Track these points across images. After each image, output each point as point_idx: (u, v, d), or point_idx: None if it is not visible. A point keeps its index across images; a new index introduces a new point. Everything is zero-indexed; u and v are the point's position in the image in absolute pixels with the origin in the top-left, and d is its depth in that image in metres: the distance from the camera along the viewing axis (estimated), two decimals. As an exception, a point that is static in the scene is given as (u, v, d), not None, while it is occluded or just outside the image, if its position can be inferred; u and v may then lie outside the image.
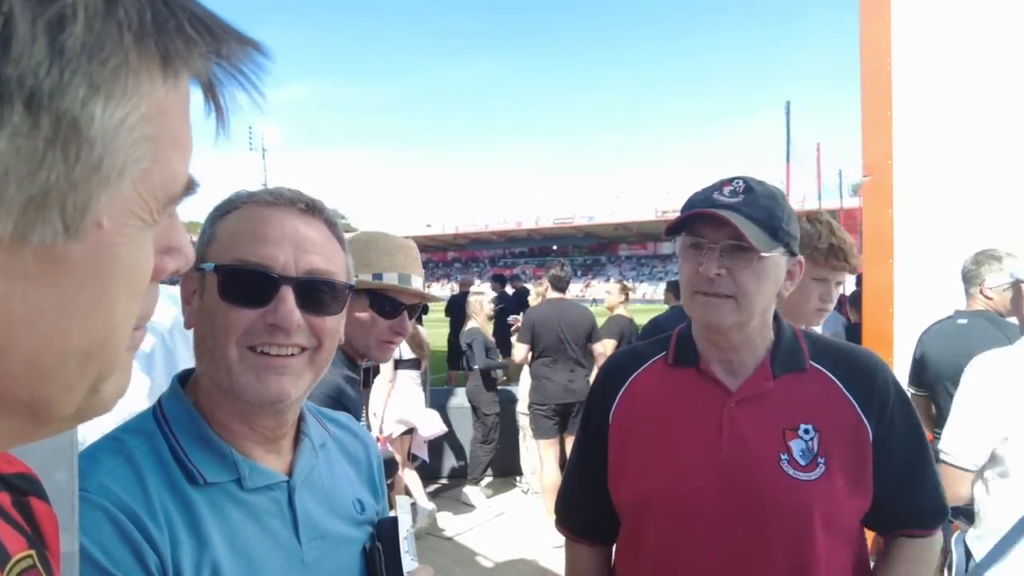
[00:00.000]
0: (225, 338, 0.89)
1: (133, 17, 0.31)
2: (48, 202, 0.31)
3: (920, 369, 3.38)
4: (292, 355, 0.92)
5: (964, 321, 3.25)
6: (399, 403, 5.59)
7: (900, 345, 4.02)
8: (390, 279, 1.76)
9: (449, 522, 5.82)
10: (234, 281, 0.89)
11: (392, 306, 1.79)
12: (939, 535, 1.45)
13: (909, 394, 3.37)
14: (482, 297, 6.81)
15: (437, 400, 7.05)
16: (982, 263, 3.24)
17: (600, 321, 6.15)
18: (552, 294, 5.89)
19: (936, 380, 3.28)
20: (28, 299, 0.33)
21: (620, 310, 6.33)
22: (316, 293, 0.93)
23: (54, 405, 0.38)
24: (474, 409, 6.50)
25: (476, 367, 6.40)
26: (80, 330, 0.36)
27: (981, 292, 3.23)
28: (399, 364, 5.65)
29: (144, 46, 0.32)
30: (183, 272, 0.44)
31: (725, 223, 1.28)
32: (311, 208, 0.97)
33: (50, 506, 0.56)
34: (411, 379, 5.75)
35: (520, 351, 5.79)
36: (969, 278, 3.29)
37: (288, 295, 0.90)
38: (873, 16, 4.19)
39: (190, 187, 0.40)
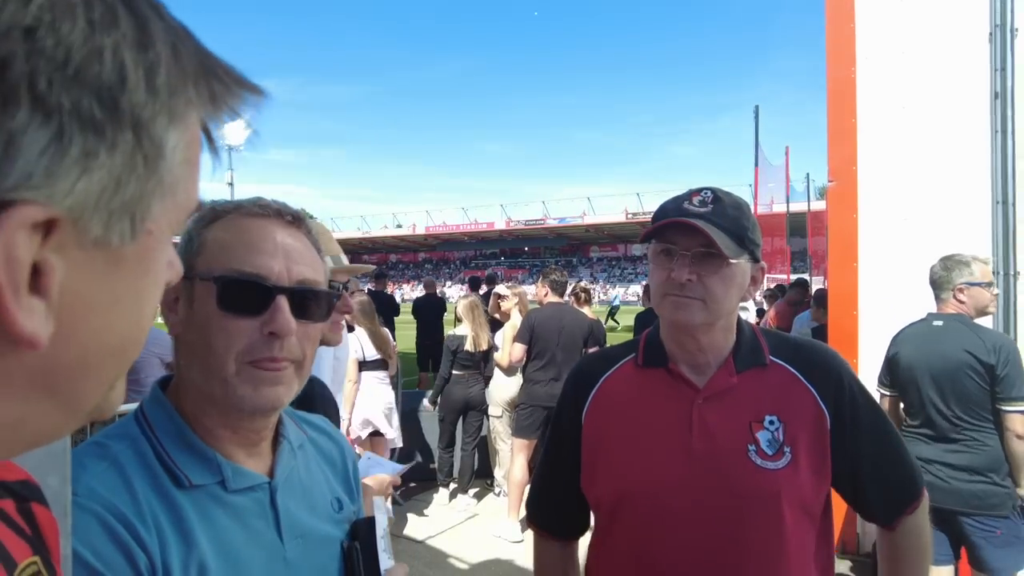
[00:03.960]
0: (225, 351, 0.90)
1: (191, 65, 0.40)
2: (127, 209, 0.38)
3: (892, 369, 3.48)
4: (285, 365, 0.94)
5: (940, 323, 3.34)
6: (365, 405, 5.55)
7: (865, 345, 4.13)
8: (336, 263, 1.81)
9: (421, 525, 5.82)
10: (232, 291, 0.91)
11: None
12: (926, 495, 1.52)
13: (877, 395, 3.47)
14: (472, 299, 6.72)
15: (409, 403, 7.02)
16: (952, 268, 3.34)
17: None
18: (552, 298, 5.91)
19: (909, 379, 3.37)
20: (91, 294, 0.39)
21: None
22: (306, 302, 0.96)
23: (85, 399, 0.43)
24: (466, 412, 6.47)
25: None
26: (121, 327, 0.42)
27: (954, 296, 3.32)
28: (363, 365, 5.59)
29: (199, 87, 0.41)
30: (172, 283, 0.49)
31: (696, 231, 1.34)
32: (296, 220, 1.01)
33: (51, 511, 0.57)
34: (377, 379, 5.70)
35: (517, 351, 5.78)
36: (940, 283, 3.37)
37: (284, 304, 0.92)
38: (838, 25, 4.30)
39: (200, 206, 0.47)
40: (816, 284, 11.13)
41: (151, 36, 0.37)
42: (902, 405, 3.50)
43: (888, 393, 3.54)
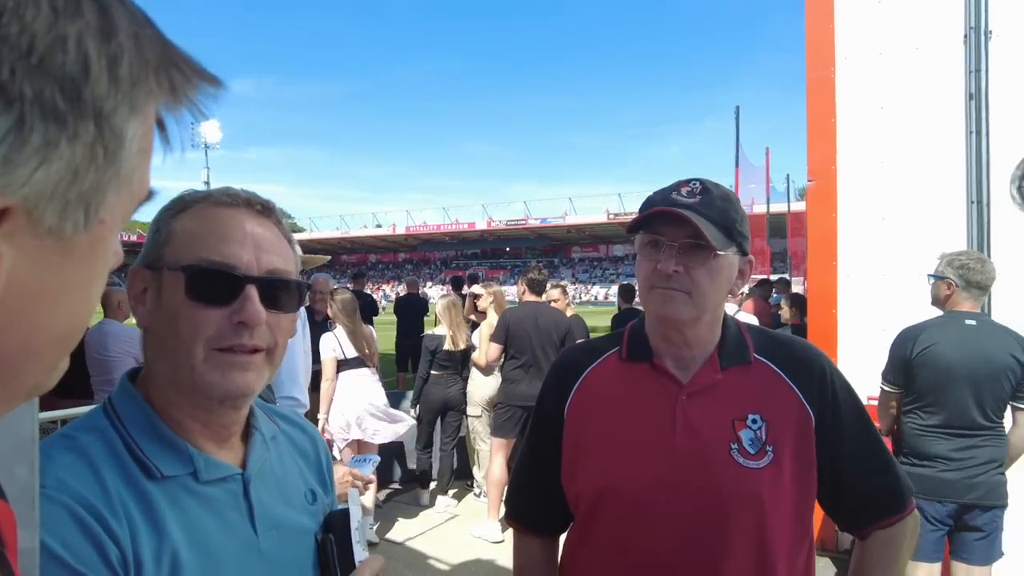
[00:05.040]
0: (192, 339, 0.89)
1: (152, 55, 0.40)
2: (84, 199, 0.37)
3: (915, 367, 3.35)
4: (254, 352, 0.93)
5: (973, 322, 3.30)
6: (345, 406, 5.44)
7: (843, 344, 4.17)
8: None
9: (401, 526, 5.79)
10: (200, 280, 0.90)
11: None
12: (915, 514, 1.49)
13: (880, 390, 3.45)
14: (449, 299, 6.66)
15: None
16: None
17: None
18: (529, 296, 5.90)
19: (946, 379, 3.26)
20: (41, 282, 0.39)
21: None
22: (276, 292, 0.96)
23: (24, 381, 0.43)
24: (444, 412, 6.43)
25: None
26: (67, 313, 0.42)
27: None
28: (342, 365, 5.48)
29: (159, 78, 0.40)
30: (112, 269, 0.49)
31: (684, 222, 1.31)
32: (265, 209, 1.00)
33: (6, 502, 0.55)
34: (359, 376, 5.55)
35: (493, 351, 5.78)
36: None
37: (253, 293, 0.92)
38: (818, 26, 4.33)
39: (151, 194, 0.47)
40: (796, 284, 11.22)
41: (114, 25, 0.37)
42: (912, 404, 3.41)
43: (893, 390, 3.47)
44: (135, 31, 0.38)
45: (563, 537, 1.61)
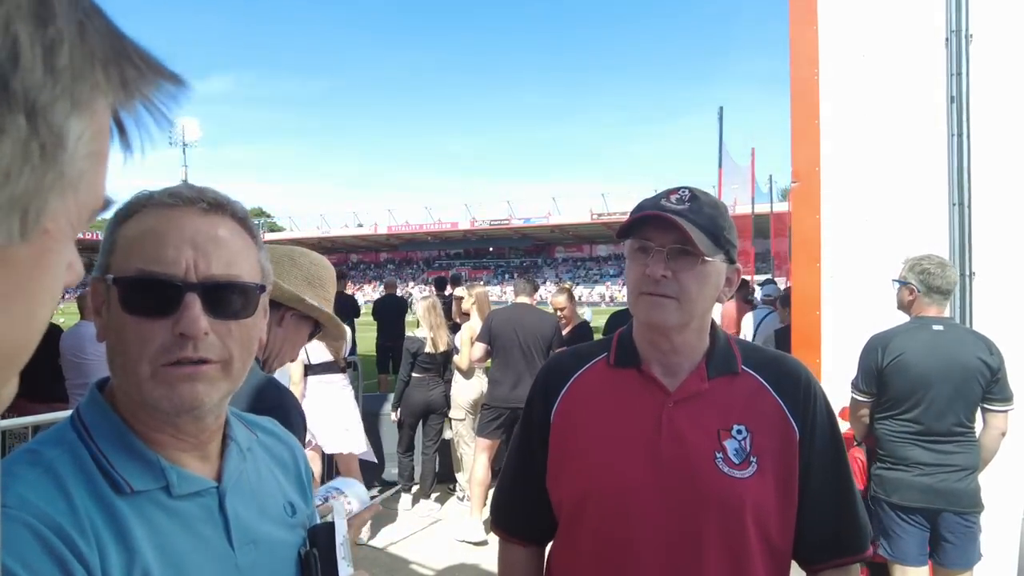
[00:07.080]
0: (138, 355, 0.84)
1: (100, 46, 0.36)
2: (18, 204, 0.33)
3: (890, 375, 3.35)
4: (204, 363, 0.87)
5: (940, 328, 3.32)
6: (325, 417, 5.32)
7: (827, 346, 4.18)
8: (323, 305, 1.80)
9: (382, 531, 5.73)
10: (135, 293, 0.85)
11: (314, 328, 1.86)
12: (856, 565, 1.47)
13: (851, 398, 3.44)
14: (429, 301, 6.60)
15: (370, 406, 6.91)
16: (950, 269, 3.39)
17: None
18: (521, 298, 5.91)
19: (920, 386, 3.27)
20: None
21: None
22: (223, 298, 0.89)
23: None
24: (426, 415, 6.38)
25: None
26: (7, 331, 0.38)
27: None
28: (309, 369, 5.35)
29: (109, 72, 0.37)
30: (71, 287, 0.45)
31: (672, 227, 1.33)
32: (215, 206, 0.92)
33: None
34: (326, 384, 5.44)
35: (478, 351, 5.76)
36: (952, 287, 3.39)
37: (194, 302, 0.85)
38: (801, 27, 4.34)
39: (107, 203, 0.43)
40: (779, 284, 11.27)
41: (52, 10, 0.33)
42: (887, 412, 3.41)
43: (864, 398, 3.46)
44: (79, 19, 0.35)
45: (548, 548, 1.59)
